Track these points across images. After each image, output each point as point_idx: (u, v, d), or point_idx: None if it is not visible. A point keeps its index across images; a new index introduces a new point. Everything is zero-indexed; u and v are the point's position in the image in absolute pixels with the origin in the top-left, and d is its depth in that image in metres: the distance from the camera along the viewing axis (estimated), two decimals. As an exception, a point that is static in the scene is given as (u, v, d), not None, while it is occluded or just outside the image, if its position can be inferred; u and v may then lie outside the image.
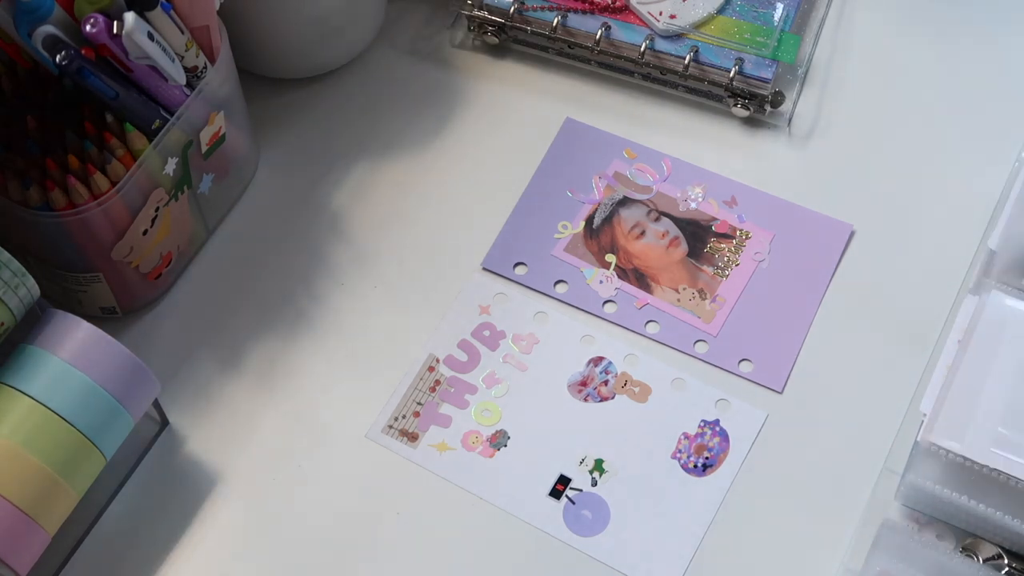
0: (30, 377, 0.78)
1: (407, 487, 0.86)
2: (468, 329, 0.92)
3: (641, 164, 0.98)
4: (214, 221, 0.96)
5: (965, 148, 0.97)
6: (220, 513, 0.86)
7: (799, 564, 0.83)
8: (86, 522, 0.85)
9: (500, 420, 0.88)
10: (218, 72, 0.87)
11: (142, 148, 0.84)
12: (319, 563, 0.84)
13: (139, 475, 0.87)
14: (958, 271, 0.91)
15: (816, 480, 0.86)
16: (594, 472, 0.86)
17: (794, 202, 0.95)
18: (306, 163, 0.99)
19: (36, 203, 0.82)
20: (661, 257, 0.94)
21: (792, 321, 0.91)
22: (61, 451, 0.77)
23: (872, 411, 0.87)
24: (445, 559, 0.84)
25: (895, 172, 0.97)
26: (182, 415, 0.89)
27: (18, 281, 0.78)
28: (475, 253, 0.95)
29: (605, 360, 0.90)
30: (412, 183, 0.98)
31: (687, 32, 0.98)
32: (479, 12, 1.01)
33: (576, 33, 1.00)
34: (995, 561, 0.81)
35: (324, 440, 0.88)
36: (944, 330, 0.89)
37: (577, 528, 0.85)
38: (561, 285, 0.93)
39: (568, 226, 0.95)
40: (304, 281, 0.94)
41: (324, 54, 1.00)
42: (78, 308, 0.90)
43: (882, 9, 1.03)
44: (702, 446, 0.87)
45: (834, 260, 0.93)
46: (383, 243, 0.95)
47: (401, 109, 1.01)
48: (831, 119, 0.99)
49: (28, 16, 0.78)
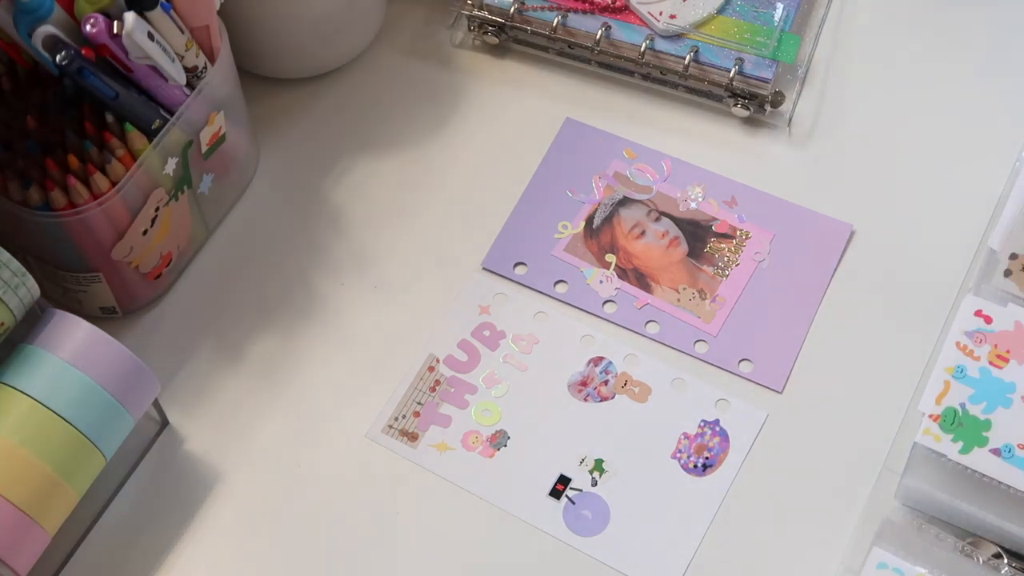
0: (30, 377, 0.78)
1: (407, 487, 0.86)
2: (468, 329, 0.92)
3: (641, 164, 0.98)
4: (214, 221, 0.96)
5: (965, 148, 0.97)
6: (220, 513, 0.86)
7: (799, 564, 0.83)
8: (86, 522, 0.85)
9: (500, 420, 0.88)
10: (218, 72, 0.87)
11: (142, 148, 0.84)
12: (319, 563, 0.84)
13: (139, 475, 0.87)
14: (958, 271, 0.91)
15: (816, 480, 0.86)
16: (594, 472, 0.86)
17: (794, 202, 0.95)
18: (306, 163, 0.99)
19: (36, 203, 0.82)
20: (661, 257, 0.94)
21: (792, 321, 0.91)
22: (61, 451, 0.77)
23: (872, 411, 0.87)
24: (445, 559, 0.84)
25: (895, 172, 0.97)
26: (182, 415, 0.89)
27: (18, 281, 0.78)
28: (475, 253, 0.95)
29: (605, 360, 0.90)
30: (412, 183, 0.98)
31: (687, 32, 0.98)
32: (479, 12, 1.01)
33: (576, 33, 1.00)
34: (995, 561, 0.81)
35: (324, 440, 0.88)
36: (944, 330, 0.89)
37: (577, 528, 0.85)
38: (561, 285, 0.93)
39: (568, 226, 0.95)
40: (304, 281, 0.94)
41: (324, 54, 1.00)
42: (78, 308, 0.90)
43: (882, 9, 1.03)
44: (702, 446, 0.87)
45: (834, 260, 0.93)
46: (383, 243, 0.95)
47: (401, 109, 1.01)
48: (831, 119, 0.99)
49: (28, 16, 0.78)
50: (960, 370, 0.82)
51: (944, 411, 0.81)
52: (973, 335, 0.84)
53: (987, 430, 0.80)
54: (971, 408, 0.81)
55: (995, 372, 0.82)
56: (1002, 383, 0.82)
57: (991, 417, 0.81)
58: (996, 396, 0.81)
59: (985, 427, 0.81)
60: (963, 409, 0.81)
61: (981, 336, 0.83)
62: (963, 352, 0.83)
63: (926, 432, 0.81)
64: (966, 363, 0.83)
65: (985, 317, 0.84)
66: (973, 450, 0.80)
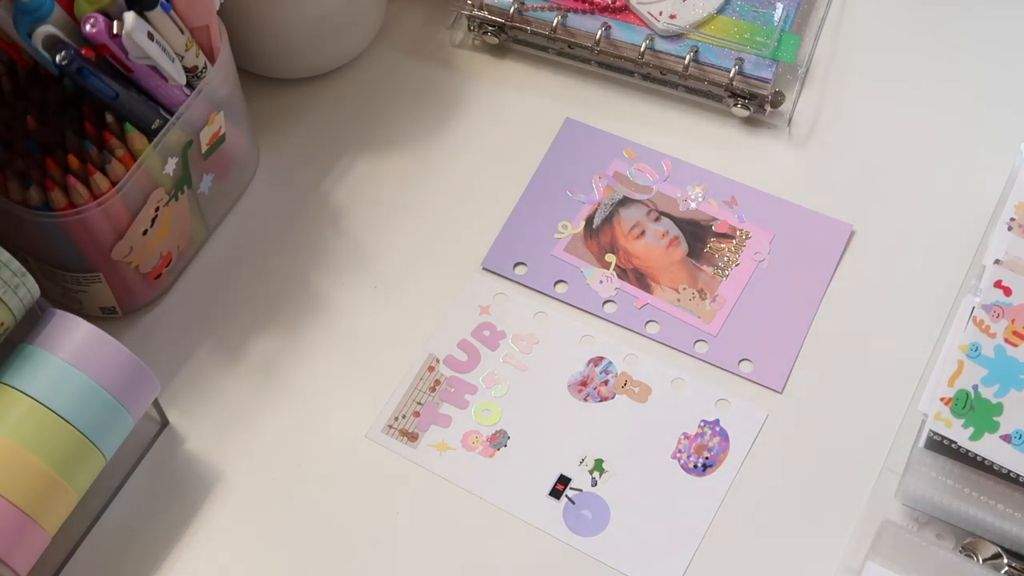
0: (30, 377, 0.78)
1: (407, 487, 0.86)
2: (468, 329, 0.92)
3: (641, 164, 0.98)
4: (214, 221, 0.96)
5: (965, 148, 0.97)
6: (220, 513, 0.86)
7: (799, 564, 0.83)
8: (86, 522, 0.85)
9: (500, 420, 0.88)
10: (218, 72, 0.87)
11: (142, 148, 0.84)
12: (319, 563, 0.84)
13: (139, 475, 0.87)
14: (958, 271, 0.91)
15: (816, 480, 0.86)
16: (594, 472, 0.86)
17: (794, 202, 0.95)
18: (306, 163, 0.99)
19: (36, 203, 0.82)
20: (661, 257, 0.94)
21: (792, 321, 0.91)
22: (61, 451, 0.77)
23: (872, 411, 0.87)
24: (445, 559, 0.84)
25: (895, 172, 0.97)
26: (182, 415, 0.89)
27: (18, 281, 0.78)
28: (475, 253, 0.95)
29: (605, 360, 0.90)
30: (412, 183, 0.98)
31: (687, 32, 0.98)
32: (479, 12, 1.01)
33: (576, 33, 1.00)
34: (994, 561, 0.81)
35: (324, 440, 0.88)
36: (944, 330, 0.89)
37: (577, 528, 0.85)
38: (561, 285, 0.93)
39: (568, 226, 0.95)
40: (304, 281, 0.94)
41: (324, 54, 1.00)
42: (78, 308, 0.90)
43: (882, 9, 1.03)
44: (702, 446, 0.87)
45: (834, 260, 0.93)
46: (383, 243, 0.95)
47: (401, 109, 1.01)
48: (831, 119, 0.99)
49: (28, 16, 0.78)
50: (975, 348, 0.81)
51: (956, 394, 0.80)
52: (991, 308, 0.82)
53: (998, 414, 0.79)
54: (983, 391, 0.80)
55: (1010, 351, 0.81)
56: (1016, 363, 0.80)
57: (1003, 400, 0.79)
58: (1010, 377, 0.80)
59: (997, 411, 0.79)
60: (975, 392, 0.80)
61: (999, 310, 0.82)
62: (979, 328, 0.82)
63: (937, 416, 0.79)
64: (981, 341, 0.81)
65: (1005, 288, 0.83)
66: (984, 436, 0.79)
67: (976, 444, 0.79)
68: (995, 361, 0.81)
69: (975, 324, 0.82)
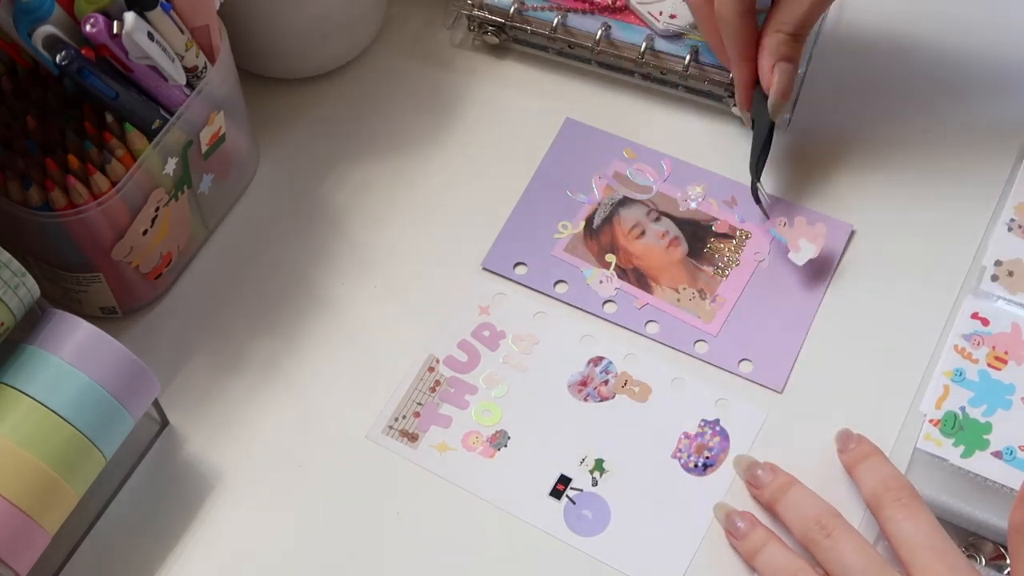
0: (30, 377, 0.78)
1: (407, 487, 0.86)
2: (468, 329, 0.92)
3: (641, 164, 0.98)
4: (214, 221, 0.96)
5: (965, 148, 0.97)
6: (220, 513, 0.86)
7: (799, 564, 0.83)
8: (86, 522, 0.85)
9: (500, 420, 0.88)
10: (218, 72, 0.87)
11: (142, 148, 0.84)
12: (319, 563, 0.84)
13: (139, 475, 0.87)
14: (958, 271, 0.91)
15: (816, 480, 0.85)
16: (594, 472, 0.86)
17: (794, 202, 0.95)
18: (306, 163, 0.99)
19: (36, 203, 0.82)
20: (661, 257, 0.94)
21: (792, 321, 0.91)
22: (61, 451, 0.77)
23: (872, 411, 0.87)
24: (445, 559, 0.84)
25: (895, 172, 0.97)
26: (182, 415, 0.89)
27: (18, 281, 0.78)
28: (475, 253, 0.95)
29: (605, 360, 0.90)
30: (412, 183, 0.98)
31: (687, 32, 0.98)
32: (479, 12, 1.01)
33: (576, 33, 1.00)
34: (997, 561, 0.81)
35: (324, 440, 0.88)
36: (944, 330, 0.89)
37: (578, 528, 0.85)
38: (561, 285, 0.93)
39: (568, 226, 0.95)
40: (304, 281, 0.94)
41: (324, 54, 1.00)
42: (78, 308, 0.90)
43: (882, 9, 1.03)
44: (702, 446, 0.87)
45: (834, 260, 0.93)
46: (383, 243, 0.95)
47: (401, 109, 1.01)
48: (831, 119, 0.99)
49: (28, 16, 0.78)
50: (959, 373, 0.82)
51: (944, 415, 0.81)
52: (971, 338, 0.84)
53: (988, 433, 0.81)
54: (971, 411, 0.81)
55: (994, 374, 0.82)
56: (1001, 385, 0.82)
57: (991, 419, 0.81)
58: (996, 398, 0.82)
59: (986, 430, 0.81)
60: (963, 412, 0.81)
61: (979, 339, 0.84)
62: (961, 355, 0.83)
63: (927, 437, 0.81)
64: (965, 366, 0.83)
65: (982, 319, 0.84)
66: (975, 454, 0.80)
67: (967, 462, 0.80)
68: (980, 384, 0.82)
69: (956, 352, 0.83)
